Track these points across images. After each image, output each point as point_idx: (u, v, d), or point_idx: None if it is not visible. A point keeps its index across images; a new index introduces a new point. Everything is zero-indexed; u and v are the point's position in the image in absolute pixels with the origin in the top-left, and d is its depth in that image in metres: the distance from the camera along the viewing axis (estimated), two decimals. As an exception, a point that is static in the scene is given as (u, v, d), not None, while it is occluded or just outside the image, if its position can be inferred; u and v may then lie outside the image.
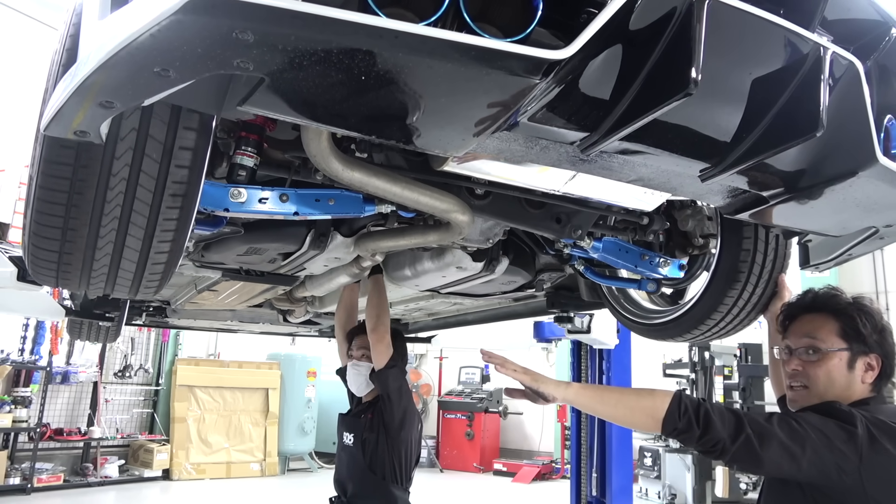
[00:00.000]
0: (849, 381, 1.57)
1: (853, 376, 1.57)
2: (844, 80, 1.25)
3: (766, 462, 1.42)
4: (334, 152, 1.45)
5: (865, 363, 1.57)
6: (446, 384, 12.82)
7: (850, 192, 1.44)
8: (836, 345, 1.58)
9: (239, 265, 2.49)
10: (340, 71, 0.91)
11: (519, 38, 0.95)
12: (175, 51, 0.87)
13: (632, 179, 1.44)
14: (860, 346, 1.57)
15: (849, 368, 1.57)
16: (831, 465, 1.39)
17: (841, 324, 1.58)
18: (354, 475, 2.79)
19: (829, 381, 1.57)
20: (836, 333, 1.58)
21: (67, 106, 0.99)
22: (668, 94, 1.03)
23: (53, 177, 1.20)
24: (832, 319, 1.60)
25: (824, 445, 1.40)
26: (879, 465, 1.40)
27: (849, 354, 1.57)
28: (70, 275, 1.47)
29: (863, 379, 1.57)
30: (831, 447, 1.40)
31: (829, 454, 1.39)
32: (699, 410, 1.46)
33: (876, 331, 1.57)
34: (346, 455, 2.86)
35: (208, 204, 1.52)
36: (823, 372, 1.58)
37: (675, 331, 2.41)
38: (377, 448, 2.72)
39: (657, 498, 8.59)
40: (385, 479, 2.71)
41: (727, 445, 1.42)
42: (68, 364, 8.91)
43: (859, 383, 1.57)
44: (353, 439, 2.82)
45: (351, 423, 2.89)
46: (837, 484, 1.41)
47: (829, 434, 1.41)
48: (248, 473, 9.80)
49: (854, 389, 1.57)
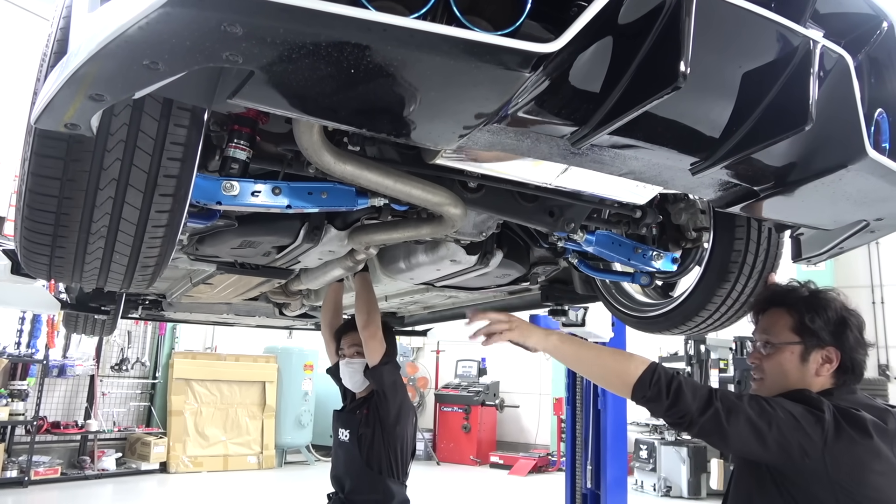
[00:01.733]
0: (802, 374, 1.59)
1: (806, 369, 1.59)
2: (834, 73, 1.25)
3: (731, 436, 1.44)
4: (326, 145, 1.45)
5: (822, 356, 1.58)
6: (443, 377, 12.85)
7: (840, 185, 1.44)
8: (787, 338, 1.61)
9: (233, 258, 2.49)
10: (330, 64, 0.92)
11: (508, 31, 0.95)
12: (164, 43, 0.87)
13: (623, 173, 1.44)
14: (813, 340, 1.58)
15: (801, 361, 1.59)
16: (796, 446, 1.42)
17: (794, 318, 1.61)
18: (351, 471, 2.79)
19: (781, 373, 1.61)
20: (788, 327, 1.61)
21: (58, 98, 0.99)
22: (658, 87, 1.03)
23: (45, 170, 1.20)
24: (786, 314, 1.63)
25: (791, 426, 1.43)
26: (843, 451, 1.42)
27: (801, 348, 1.59)
28: (62, 268, 1.48)
29: (818, 372, 1.58)
30: (798, 428, 1.43)
31: (794, 434, 1.42)
32: (671, 382, 1.49)
33: (831, 324, 1.58)
34: (342, 451, 2.86)
35: (201, 197, 1.52)
36: (775, 364, 1.62)
37: (669, 323, 2.42)
38: (373, 443, 2.73)
39: (652, 490, 8.63)
40: (382, 474, 2.72)
41: (695, 418, 1.45)
42: (65, 357, 8.90)
43: (814, 376, 1.58)
44: (349, 435, 2.82)
45: (346, 420, 2.89)
46: (801, 467, 1.43)
47: (797, 416, 1.45)
48: (245, 466, 9.83)
49: (809, 382, 1.58)
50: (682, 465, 8.36)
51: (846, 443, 1.43)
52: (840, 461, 1.42)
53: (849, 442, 1.43)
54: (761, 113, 1.21)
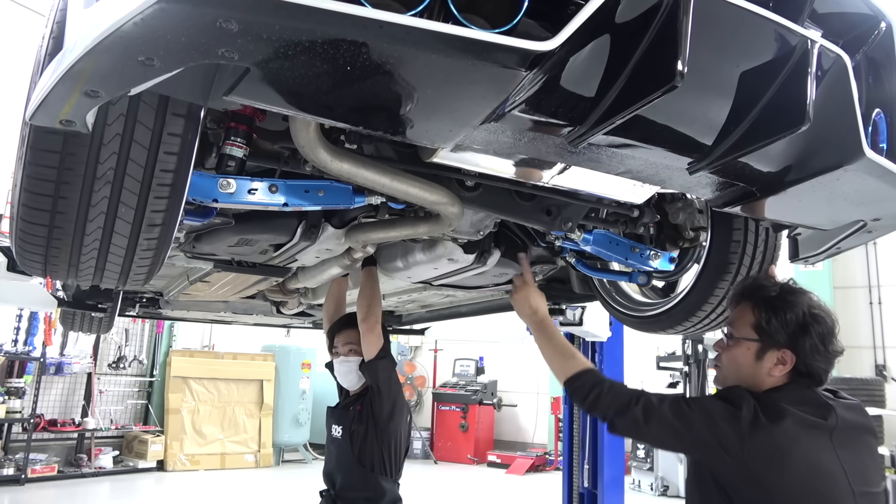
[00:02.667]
0: (754, 371, 1.60)
1: (759, 367, 1.59)
2: (832, 73, 1.25)
3: (650, 437, 1.60)
4: (322, 143, 1.45)
5: (777, 357, 1.57)
6: (441, 376, 12.86)
7: (837, 185, 1.44)
8: (746, 334, 1.62)
9: (230, 256, 2.48)
10: (326, 61, 0.91)
11: (505, 29, 0.95)
12: (159, 39, 0.86)
13: (620, 172, 1.44)
14: (769, 340, 1.58)
15: (756, 359, 1.60)
16: (713, 442, 1.48)
17: (758, 315, 1.61)
18: (343, 468, 2.78)
19: (734, 366, 1.64)
20: (749, 324, 1.62)
21: (53, 94, 0.99)
22: (655, 86, 1.03)
23: (40, 166, 1.20)
24: (750, 310, 1.63)
25: (707, 426, 1.50)
26: (762, 443, 1.45)
27: (757, 346, 1.60)
28: (58, 265, 1.47)
29: (770, 372, 1.58)
30: (713, 426, 1.49)
31: (711, 432, 1.49)
32: (593, 388, 1.64)
33: (789, 327, 1.56)
34: (334, 448, 2.85)
35: (197, 194, 1.52)
36: (730, 357, 1.66)
37: (666, 323, 2.42)
38: (366, 440, 2.72)
39: (650, 490, 8.64)
40: (374, 471, 2.71)
41: (612, 420, 1.60)
42: (62, 355, 8.90)
43: (765, 375, 1.59)
44: (342, 431, 2.81)
45: (339, 416, 2.88)
46: (723, 463, 1.49)
47: (714, 414, 1.51)
48: (243, 465, 9.82)
49: (760, 380, 1.59)
50: (679, 465, 8.37)
51: (763, 434, 1.46)
52: (758, 453, 1.45)
53: (766, 433, 1.46)
54: (759, 112, 1.21)
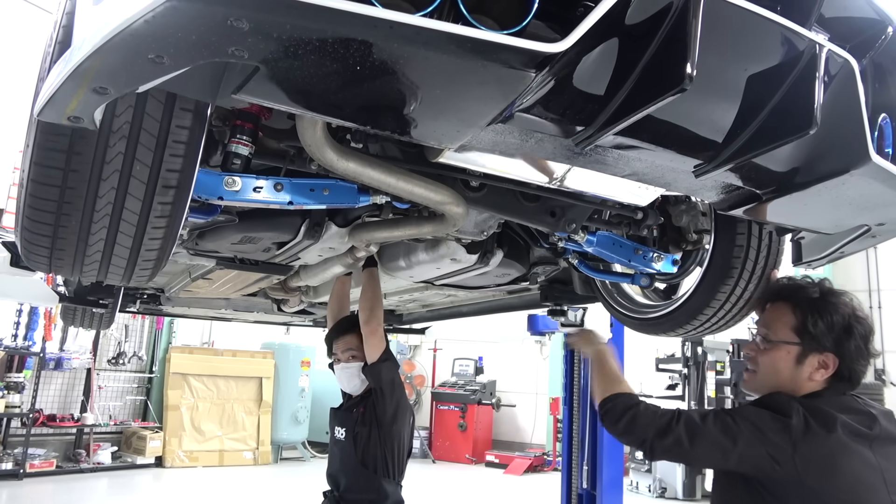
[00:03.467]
0: (794, 375, 1.56)
1: (800, 371, 1.55)
2: (839, 78, 1.25)
3: (698, 458, 1.54)
4: (329, 142, 1.45)
5: (819, 361, 1.54)
6: (440, 376, 12.86)
7: (843, 189, 1.44)
8: (786, 337, 1.57)
9: (233, 254, 2.48)
10: (335, 61, 0.91)
11: (515, 30, 0.95)
12: (169, 37, 0.86)
13: (626, 174, 1.44)
14: (812, 343, 1.54)
15: (797, 363, 1.56)
16: (764, 457, 1.43)
17: (797, 317, 1.57)
18: (347, 469, 2.78)
19: (773, 370, 1.59)
20: (790, 326, 1.58)
21: (61, 91, 0.99)
22: (663, 89, 1.03)
23: (47, 162, 1.20)
24: (790, 311, 1.59)
25: (757, 439, 1.44)
26: (813, 453, 1.41)
27: (799, 349, 1.55)
28: (63, 261, 1.47)
29: (811, 376, 1.54)
30: (764, 440, 1.44)
31: (761, 447, 1.44)
32: (626, 412, 1.58)
33: (834, 330, 1.53)
34: (338, 449, 2.85)
35: (202, 192, 1.52)
36: (769, 360, 1.60)
37: (668, 325, 2.42)
38: (369, 442, 2.72)
39: (648, 491, 8.65)
40: (377, 473, 2.70)
41: (653, 443, 1.52)
42: (62, 350, 8.91)
43: (806, 379, 1.55)
44: (345, 433, 2.81)
45: (343, 418, 2.88)
46: (774, 475, 1.44)
47: (762, 426, 1.46)
48: (241, 462, 9.83)
49: (800, 384, 1.55)
50: (677, 467, 8.37)
51: (815, 444, 1.42)
52: (810, 464, 1.41)
53: (818, 442, 1.42)
54: (766, 116, 1.21)
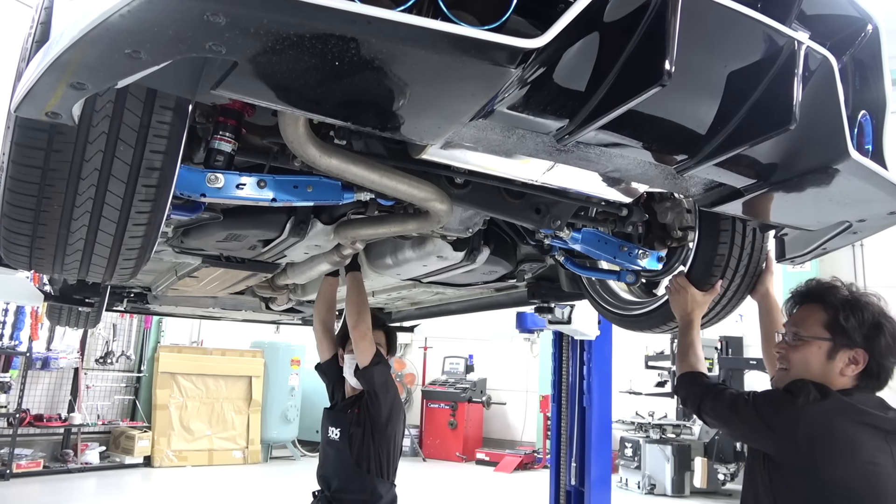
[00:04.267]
0: (825, 371, 1.60)
1: (831, 367, 1.60)
2: (818, 75, 1.26)
3: (721, 427, 1.81)
4: (311, 139, 1.44)
5: (849, 357, 1.59)
6: (430, 374, 12.85)
7: (823, 186, 1.45)
8: (817, 333, 1.63)
9: (219, 251, 2.47)
10: (314, 56, 0.91)
11: (494, 26, 0.95)
12: (146, 32, 0.86)
13: (609, 170, 1.45)
14: (843, 339, 1.59)
15: (828, 358, 1.60)
16: (764, 429, 1.59)
17: (828, 315, 1.63)
18: (340, 470, 2.78)
19: (804, 366, 1.64)
20: (820, 323, 1.63)
21: (39, 86, 0.98)
22: (643, 85, 1.03)
23: (25, 159, 1.19)
24: (821, 310, 1.65)
25: (759, 413, 1.60)
26: (816, 430, 1.50)
27: (830, 345, 1.60)
28: (43, 259, 1.46)
29: (842, 371, 1.59)
30: (765, 414, 1.59)
31: (759, 420, 1.59)
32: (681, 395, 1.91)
33: (865, 326, 1.59)
34: (331, 450, 2.84)
35: (185, 189, 1.51)
36: (801, 357, 1.65)
37: (653, 322, 2.43)
38: (363, 442, 2.72)
39: (637, 488, 8.68)
40: (371, 473, 2.71)
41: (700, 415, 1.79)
42: (49, 350, 8.82)
43: (838, 375, 1.60)
44: (340, 434, 2.80)
45: (336, 418, 2.88)
46: (779, 451, 1.55)
47: (771, 402, 1.61)
48: (231, 461, 9.79)
49: (831, 380, 1.60)
50: (666, 464, 8.41)
51: (821, 421, 1.51)
52: (814, 440, 1.49)
53: (823, 421, 1.51)
54: (746, 113, 1.22)
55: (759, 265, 2.15)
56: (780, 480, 1.54)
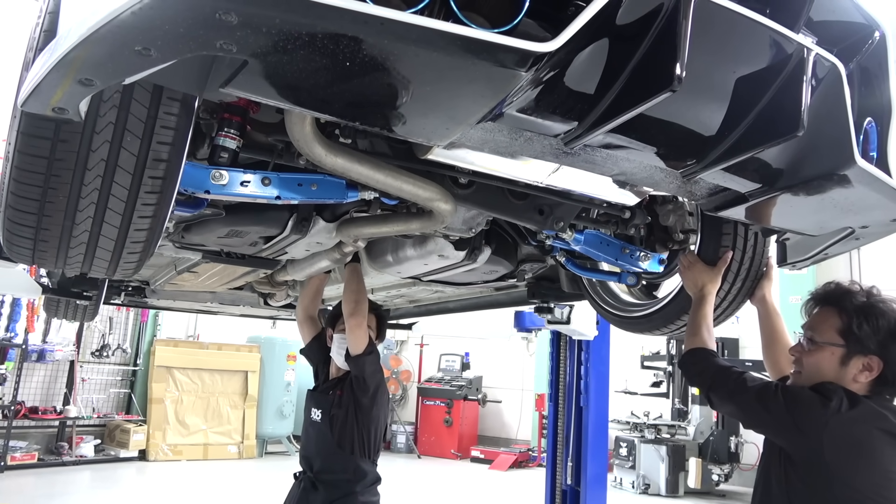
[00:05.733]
0: (838, 376, 1.60)
1: (844, 372, 1.59)
2: (826, 81, 1.26)
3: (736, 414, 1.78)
4: (318, 137, 1.44)
5: (863, 363, 1.58)
6: (426, 371, 12.86)
7: (828, 192, 1.46)
8: (830, 339, 1.62)
9: (219, 247, 2.46)
10: (325, 56, 0.91)
11: (506, 28, 0.95)
12: (157, 30, 0.85)
13: (615, 173, 1.45)
14: (857, 346, 1.58)
15: (841, 364, 1.60)
16: (790, 428, 1.56)
17: (845, 321, 1.61)
18: (322, 450, 2.81)
19: (817, 370, 1.63)
20: (835, 328, 1.62)
21: (46, 82, 0.97)
22: (653, 90, 1.03)
23: (31, 149, 1.18)
24: (836, 315, 1.64)
25: (787, 409, 1.57)
26: (843, 435, 1.48)
27: (843, 351, 1.59)
28: (46, 253, 1.45)
29: (856, 378, 1.59)
30: (795, 411, 1.55)
31: (788, 416, 1.56)
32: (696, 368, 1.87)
33: (880, 333, 1.57)
34: (313, 431, 2.88)
35: (189, 185, 1.51)
36: (814, 361, 1.64)
37: (653, 324, 2.44)
38: (346, 424, 2.75)
39: (631, 487, 8.71)
40: (353, 454, 2.74)
41: (710, 397, 1.79)
42: (44, 342, 8.80)
43: (851, 381, 1.59)
44: (321, 415, 2.84)
45: (319, 399, 2.91)
46: (799, 449, 1.54)
47: (799, 400, 1.57)
48: (226, 456, 9.78)
49: (845, 386, 1.58)
50: (660, 464, 8.44)
51: (848, 426, 1.49)
52: (838, 443, 1.47)
53: (851, 426, 1.49)
54: (754, 118, 1.22)
55: (760, 269, 2.15)
56: (797, 479, 1.54)
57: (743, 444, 8.41)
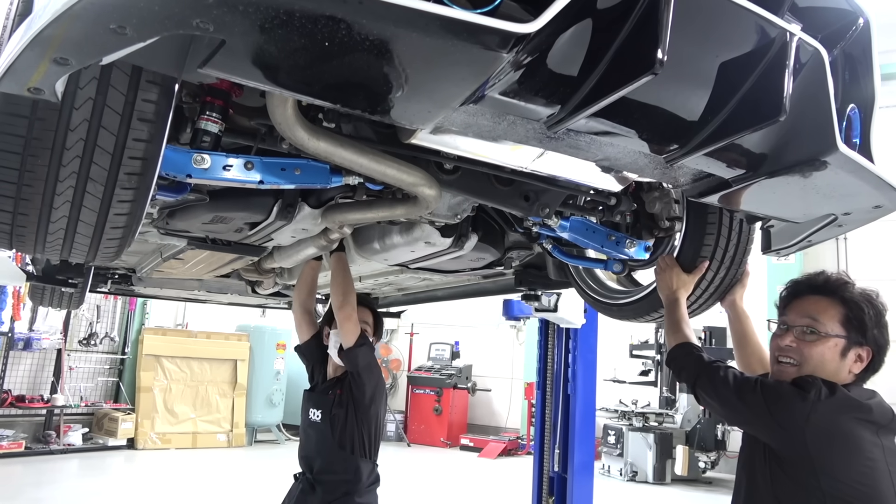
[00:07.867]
0: (837, 368, 1.60)
1: (843, 364, 1.60)
2: (809, 67, 1.26)
3: (718, 409, 1.74)
4: (300, 121, 1.43)
5: (857, 354, 1.60)
6: (416, 359, 12.89)
7: (810, 178, 1.46)
8: (835, 330, 1.60)
9: (205, 234, 2.45)
10: (303, 36, 0.89)
11: (487, 9, 0.94)
12: (132, 7, 0.84)
13: (599, 159, 1.45)
14: (857, 337, 1.59)
15: (841, 356, 1.60)
16: (771, 425, 1.56)
17: (847, 312, 1.60)
18: (323, 451, 2.79)
19: (820, 363, 1.61)
20: (838, 320, 1.61)
21: (21, 61, 0.95)
22: (635, 73, 1.03)
23: (8, 128, 1.16)
24: (839, 305, 1.62)
25: (767, 405, 1.56)
26: (825, 427, 1.49)
27: (845, 342, 1.60)
28: (25, 236, 1.43)
29: (850, 368, 1.60)
30: (774, 407, 1.55)
31: (768, 415, 1.55)
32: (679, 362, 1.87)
33: (877, 325, 1.60)
34: (313, 431, 2.85)
35: (171, 169, 1.49)
36: (818, 353, 1.61)
37: (640, 311, 2.45)
38: (346, 424, 2.73)
39: (619, 475, 8.79)
40: (354, 454, 2.72)
41: (695, 391, 1.78)
42: (31, 330, 8.75)
43: (846, 372, 1.60)
44: (321, 416, 2.81)
45: (318, 400, 2.88)
46: (783, 445, 1.54)
47: (779, 395, 1.56)
48: (215, 444, 9.78)
49: (840, 377, 1.60)
50: (648, 451, 8.52)
51: (830, 419, 1.50)
52: (820, 436, 1.49)
53: (833, 418, 1.50)
54: (736, 103, 1.22)
55: (745, 257, 2.16)
56: (783, 475, 1.54)
57: (729, 432, 8.49)
